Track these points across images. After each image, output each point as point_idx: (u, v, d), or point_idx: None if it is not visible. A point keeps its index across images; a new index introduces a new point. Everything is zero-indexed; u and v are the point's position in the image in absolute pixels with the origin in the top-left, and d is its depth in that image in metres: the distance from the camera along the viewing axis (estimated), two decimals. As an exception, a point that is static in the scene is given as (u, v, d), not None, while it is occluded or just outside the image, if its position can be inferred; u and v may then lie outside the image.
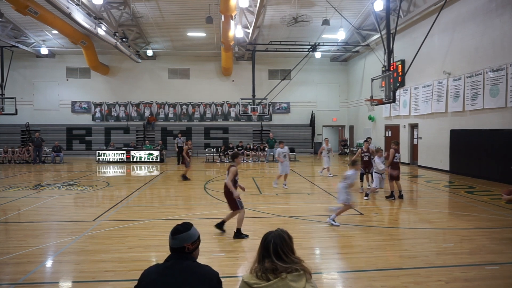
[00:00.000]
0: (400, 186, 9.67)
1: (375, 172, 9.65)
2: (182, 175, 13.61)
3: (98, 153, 20.82)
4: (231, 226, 6.56)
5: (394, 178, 9.44)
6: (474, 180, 12.65)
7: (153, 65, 25.79)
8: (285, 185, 11.56)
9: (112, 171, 17.26)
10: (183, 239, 2.20)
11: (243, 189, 6.67)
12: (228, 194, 6.37)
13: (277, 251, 2.10)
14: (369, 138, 11.64)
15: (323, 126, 27.31)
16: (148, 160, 20.59)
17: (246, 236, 6.26)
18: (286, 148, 11.74)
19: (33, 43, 22.74)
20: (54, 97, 25.20)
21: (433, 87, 15.80)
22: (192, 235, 2.24)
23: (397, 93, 17.11)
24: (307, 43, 20.77)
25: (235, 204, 6.33)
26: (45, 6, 14.85)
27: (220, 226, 6.59)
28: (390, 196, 9.50)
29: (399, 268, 4.89)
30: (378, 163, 10.46)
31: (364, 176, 10.95)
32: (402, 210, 8.53)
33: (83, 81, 25.39)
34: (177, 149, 19.55)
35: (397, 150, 9.54)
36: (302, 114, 26.66)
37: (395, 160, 9.47)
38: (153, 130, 25.05)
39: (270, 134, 22.02)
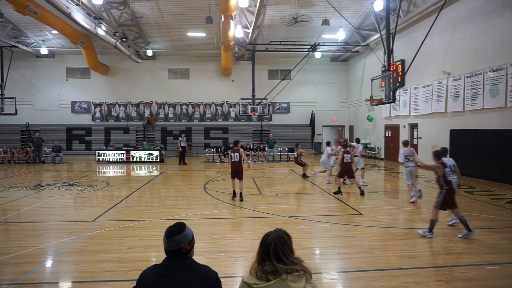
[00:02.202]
0: (358, 183, 10.48)
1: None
2: (302, 174, 13.87)
3: (98, 153, 20.82)
4: (228, 228, 6.55)
5: (342, 176, 10.34)
6: (474, 180, 12.65)
7: (153, 65, 25.78)
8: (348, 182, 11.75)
9: (112, 171, 17.26)
10: (180, 240, 2.18)
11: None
12: (241, 169, 9.49)
13: (277, 254, 2.10)
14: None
15: (323, 126, 27.30)
16: (148, 160, 20.59)
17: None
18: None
19: (33, 43, 22.73)
20: (54, 97, 25.20)
21: (433, 87, 15.80)
22: (187, 235, 2.22)
23: (397, 93, 17.11)
24: (307, 43, 20.76)
25: (242, 175, 9.53)
26: (45, 6, 14.84)
27: (241, 196, 9.38)
28: (337, 192, 10.20)
29: (399, 268, 4.89)
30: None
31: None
32: (402, 210, 8.53)
33: (83, 81, 25.38)
34: (180, 149, 19.58)
35: (345, 152, 10.29)
36: (302, 114, 26.66)
37: (345, 160, 10.16)
38: (153, 130, 25.05)
39: (270, 135, 22.03)
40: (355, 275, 4.74)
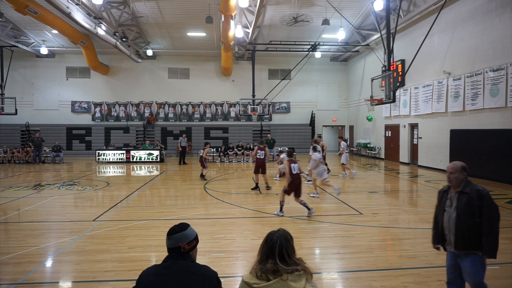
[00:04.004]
0: (266, 179, 11.19)
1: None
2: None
3: (98, 153, 20.82)
4: (228, 228, 6.53)
5: (257, 171, 11.08)
6: (474, 180, 12.50)
7: (153, 65, 25.78)
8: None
9: (112, 171, 17.26)
10: (178, 239, 2.19)
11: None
12: (203, 161, 13.15)
13: (281, 253, 2.11)
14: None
15: (323, 126, 27.30)
16: (148, 160, 20.59)
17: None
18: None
19: (33, 43, 22.72)
20: (54, 97, 25.19)
21: (433, 87, 15.79)
22: (188, 235, 2.22)
23: (397, 93, 17.10)
24: (307, 43, 20.75)
25: (204, 164, 13.21)
26: (45, 6, 14.84)
27: (203, 176, 13.25)
28: (255, 188, 11.02)
29: (399, 268, 4.89)
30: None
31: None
32: (402, 210, 8.53)
33: (83, 81, 25.38)
34: (180, 149, 19.64)
35: (260, 148, 11.29)
36: (302, 114, 26.65)
37: (258, 156, 11.14)
38: (153, 130, 25.05)
39: (268, 135, 22.00)
40: (355, 275, 4.74)
